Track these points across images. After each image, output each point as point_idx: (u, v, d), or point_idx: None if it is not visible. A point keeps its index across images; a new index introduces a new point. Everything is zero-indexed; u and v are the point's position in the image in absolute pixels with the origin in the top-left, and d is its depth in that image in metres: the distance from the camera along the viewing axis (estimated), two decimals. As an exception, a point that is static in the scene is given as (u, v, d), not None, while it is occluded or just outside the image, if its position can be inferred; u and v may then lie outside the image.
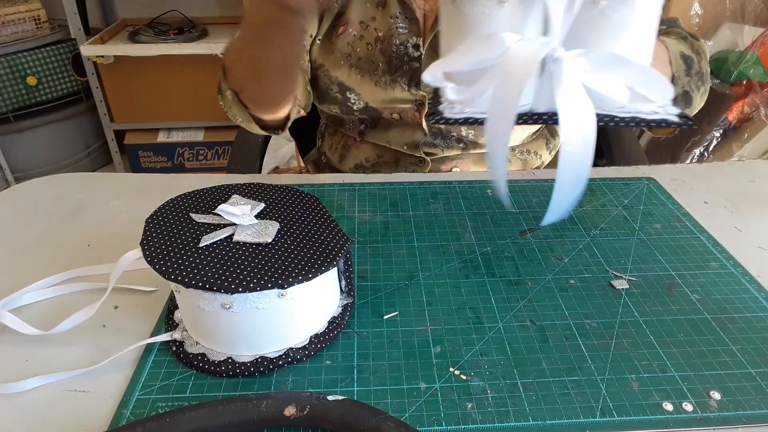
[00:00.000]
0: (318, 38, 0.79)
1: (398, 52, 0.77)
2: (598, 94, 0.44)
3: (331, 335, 0.47)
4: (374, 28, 0.77)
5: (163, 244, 0.45)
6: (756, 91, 1.58)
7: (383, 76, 0.78)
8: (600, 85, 0.44)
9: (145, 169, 2.18)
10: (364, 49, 0.78)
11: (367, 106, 0.79)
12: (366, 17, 0.77)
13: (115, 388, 0.43)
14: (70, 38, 2.05)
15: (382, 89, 0.78)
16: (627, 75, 0.44)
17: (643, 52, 0.47)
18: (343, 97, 0.79)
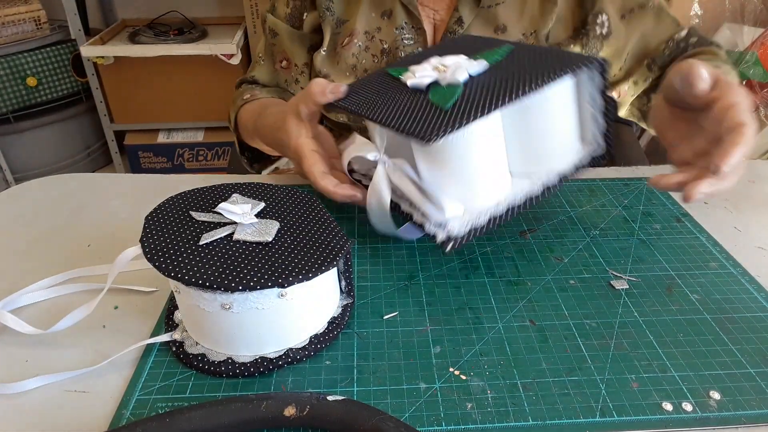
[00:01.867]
0: (323, 49, 0.78)
1: None
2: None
3: (331, 335, 0.47)
4: (380, 40, 0.76)
5: (162, 242, 0.45)
6: (756, 91, 1.58)
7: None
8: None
9: (145, 170, 2.19)
10: (369, 61, 0.77)
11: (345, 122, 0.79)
12: (371, 27, 0.76)
13: (115, 389, 0.43)
14: (70, 39, 2.05)
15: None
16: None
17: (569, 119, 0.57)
18: None
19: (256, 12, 2.02)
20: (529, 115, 0.54)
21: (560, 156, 0.57)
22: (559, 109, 0.56)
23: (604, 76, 0.53)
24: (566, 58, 0.52)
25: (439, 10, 0.76)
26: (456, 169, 0.52)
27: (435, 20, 0.77)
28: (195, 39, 1.98)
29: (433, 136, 0.45)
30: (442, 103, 0.50)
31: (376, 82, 0.60)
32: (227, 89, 2.07)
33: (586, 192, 0.70)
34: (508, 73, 0.52)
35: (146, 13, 2.19)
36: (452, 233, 0.52)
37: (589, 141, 0.58)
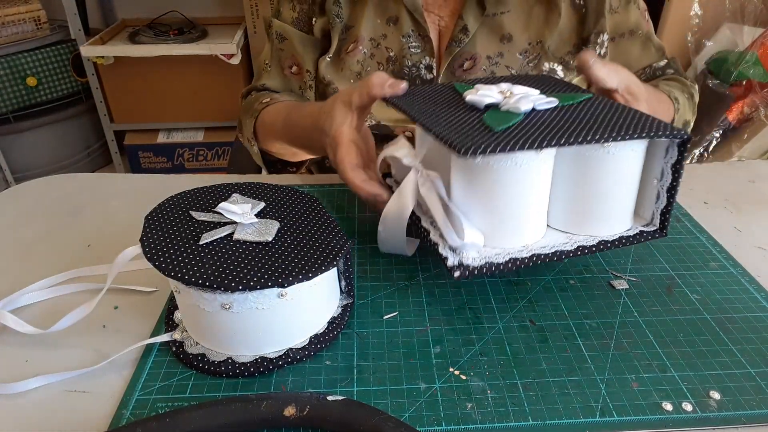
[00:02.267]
0: (329, 56, 0.77)
1: (411, 74, 0.75)
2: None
3: (331, 335, 0.47)
4: (385, 47, 0.75)
5: (162, 241, 0.45)
6: (756, 92, 1.58)
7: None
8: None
9: (145, 170, 2.19)
10: (374, 69, 0.76)
11: (379, 123, 0.77)
12: (377, 34, 0.76)
13: (115, 389, 0.43)
14: (70, 39, 2.05)
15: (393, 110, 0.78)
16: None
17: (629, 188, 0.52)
18: None
19: (256, 12, 2.02)
20: (588, 172, 0.50)
21: (607, 224, 0.52)
22: (622, 175, 0.50)
23: (682, 151, 0.48)
24: (648, 121, 0.48)
25: (444, 16, 0.75)
26: (489, 199, 0.48)
27: (440, 26, 0.76)
28: (195, 39, 1.98)
29: (470, 151, 0.42)
30: (494, 125, 0.47)
31: (436, 91, 0.58)
32: (227, 89, 2.09)
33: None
34: (578, 118, 0.49)
35: (146, 13, 2.19)
36: (465, 261, 0.48)
37: (643, 216, 0.54)
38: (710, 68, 1.66)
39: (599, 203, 0.51)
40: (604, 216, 0.52)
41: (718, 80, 1.63)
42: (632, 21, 0.77)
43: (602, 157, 0.49)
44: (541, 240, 0.52)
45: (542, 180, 0.49)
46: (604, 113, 0.50)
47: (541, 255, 0.50)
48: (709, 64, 1.67)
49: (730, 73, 1.59)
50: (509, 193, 0.48)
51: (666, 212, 0.51)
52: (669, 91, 0.74)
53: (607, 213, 0.52)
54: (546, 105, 0.51)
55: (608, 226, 0.52)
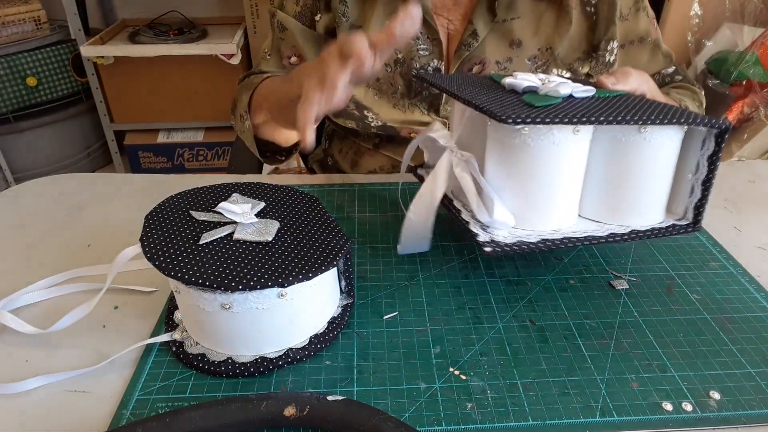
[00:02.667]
0: None
1: None
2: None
3: (331, 335, 0.47)
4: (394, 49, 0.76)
5: (162, 241, 0.45)
6: (756, 91, 1.58)
7: (402, 99, 0.77)
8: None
9: (145, 170, 2.19)
10: (382, 71, 0.76)
11: (385, 125, 0.77)
12: None
13: (115, 389, 0.43)
14: (70, 39, 2.05)
15: (400, 111, 0.77)
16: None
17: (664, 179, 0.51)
18: (361, 114, 0.77)
19: (256, 12, 2.02)
20: (624, 158, 0.49)
21: (639, 214, 0.52)
22: (658, 163, 0.50)
23: (719, 143, 0.47)
24: (686, 111, 0.48)
25: (454, 20, 0.75)
26: (523, 178, 0.49)
27: (449, 30, 0.76)
28: (195, 39, 1.98)
29: (509, 118, 0.43)
30: (534, 103, 0.48)
31: (473, 77, 0.59)
32: (227, 89, 2.08)
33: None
34: (615, 105, 0.49)
35: (146, 13, 2.19)
36: (495, 238, 0.49)
37: (675, 212, 0.53)
38: (710, 68, 1.66)
39: (633, 192, 0.51)
40: (636, 206, 0.51)
41: (718, 80, 1.63)
42: (642, 28, 0.77)
43: (639, 143, 0.48)
44: (573, 226, 0.52)
45: (578, 162, 0.49)
46: (639, 104, 0.50)
47: (572, 238, 0.50)
48: (709, 64, 1.67)
49: (730, 73, 1.59)
50: (544, 173, 0.48)
51: (700, 206, 0.51)
52: (680, 99, 0.75)
53: (641, 203, 0.51)
54: (583, 93, 0.51)
55: (640, 216, 0.52)
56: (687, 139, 0.50)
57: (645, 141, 0.48)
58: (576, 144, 0.48)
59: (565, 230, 0.51)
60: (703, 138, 0.49)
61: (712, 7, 1.66)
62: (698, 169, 0.50)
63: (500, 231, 0.50)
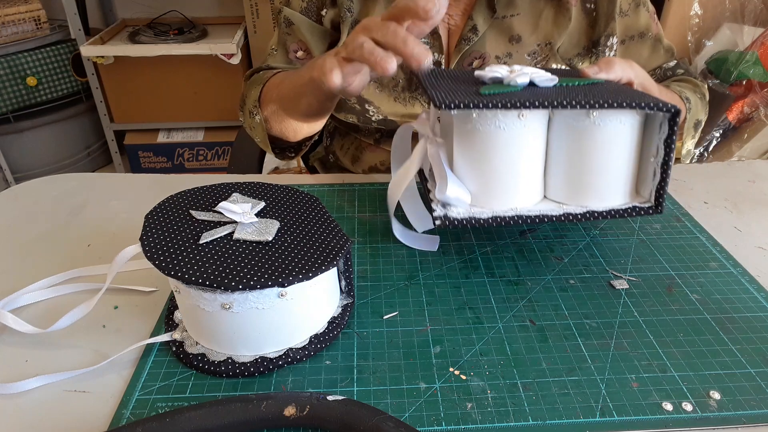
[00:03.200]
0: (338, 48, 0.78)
1: None
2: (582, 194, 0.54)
3: (331, 335, 0.47)
4: None
5: (162, 240, 0.45)
6: (756, 91, 1.58)
7: (402, 93, 0.77)
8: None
9: (145, 170, 2.19)
10: None
11: (386, 118, 0.78)
12: None
13: (115, 389, 0.43)
14: (70, 39, 2.05)
15: (401, 105, 0.78)
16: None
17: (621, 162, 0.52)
18: (362, 108, 0.78)
19: (256, 12, 2.02)
20: (577, 143, 0.51)
21: (599, 197, 0.53)
22: (610, 147, 0.51)
23: (673, 126, 0.48)
24: (639, 96, 0.49)
25: (454, 15, 0.76)
26: (479, 161, 0.52)
27: (450, 25, 0.77)
28: (195, 39, 1.98)
29: (443, 104, 0.46)
30: (485, 91, 0.50)
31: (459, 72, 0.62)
32: (227, 89, 2.08)
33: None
34: (571, 92, 0.50)
35: (146, 13, 2.19)
36: (449, 213, 0.52)
37: (643, 195, 0.54)
38: (710, 68, 1.66)
39: (590, 175, 0.52)
40: (595, 188, 0.53)
41: (718, 80, 1.63)
42: (642, 23, 0.78)
43: (590, 127, 0.50)
44: (532, 207, 0.54)
45: (527, 146, 0.51)
46: (600, 91, 0.51)
47: (524, 216, 0.52)
48: (709, 64, 1.67)
49: (730, 73, 1.59)
50: (495, 156, 0.51)
51: (661, 188, 0.52)
52: (680, 91, 0.75)
53: (599, 185, 0.53)
54: (546, 82, 0.53)
55: (600, 199, 0.53)
56: (649, 124, 0.51)
57: (595, 125, 0.50)
58: (524, 129, 0.50)
59: (521, 209, 0.53)
60: (660, 122, 0.50)
61: (712, 7, 1.66)
62: (658, 153, 0.51)
63: (457, 208, 0.53)
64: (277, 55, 0.84)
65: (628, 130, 0.51)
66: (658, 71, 0.82)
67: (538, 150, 0.53)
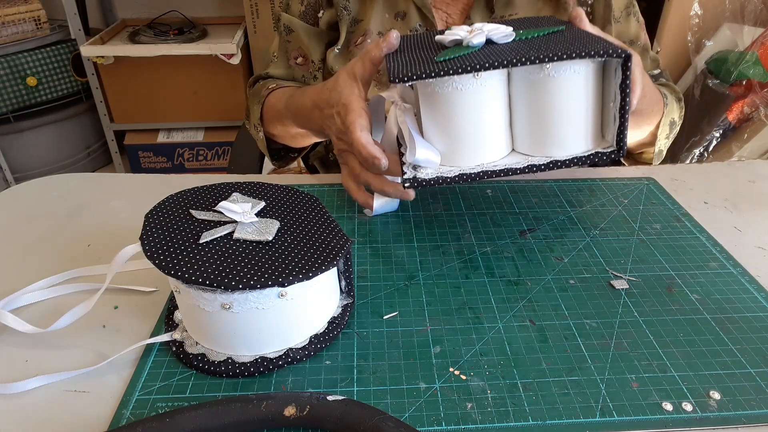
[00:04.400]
0: (337, 47, 0.79)
1: None
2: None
3: (331, 335, 0.47)
4: None
5: (162, 240, 0.45)
6: (756, 91, 1.58)
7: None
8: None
9: (145, 170, 2.19)
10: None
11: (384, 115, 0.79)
12: (384, 28, 0.77)
13: (115, 389, 0.43)
14: (70, 39, 2.05)
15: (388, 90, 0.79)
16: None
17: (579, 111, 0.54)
18: None
19: (256, 12, 2.02)
20: (534, 96, 0.53)
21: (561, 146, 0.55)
22: (566, 96, 0.52)
23: (625, 70, 0.50)
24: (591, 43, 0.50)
25: (452, 14, 0.77)
26: (442, 122, 0.54)
27: (447, 23, 0.78)
28: (195, 39, 1.98)
29: (395, 78, 0.49)
30: (440, 57, 0.52)
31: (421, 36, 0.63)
32: (227, 89, 2.09)
33: (586, 192, 0.70)
34: (526, 47, 0.51)
35: (146, 13, 2.19)
36: (418, 175, 0.54)
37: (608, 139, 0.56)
38: (710, 68, 1.66)
39: (550, 126, 0.54)
40: (557, 138, 0.54)
41: (718, 80, 1.63)
42: (632, 32, 0.80)
43: (545, 80, 0.52)
44: (498, 161, 0.56)
45: (486, 104, 0.53)
46: (557, 41, 0.52)
47: (489, 171, 0.54)
48: (709, 64, 1.67)
49: (730, 73, 1.59)
50: (457, 116, 0.53)
51: (620, 133, 0.53)
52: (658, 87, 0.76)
53: (560, 135, 0.54)
54: (503, 39, 0.55)
55: (562, 148, 0.55)
56: (607, 70, 0.53)
57: (550, 77, 0.51)
58: (481, 88, 0.52)
59: (486, 165, 0.55)
60: (615, 68, 0.51)
61: (712, 7, 1.66)
62: (615, 98, 0.52)
63: (426, 170, 0.54)
64: (277, 62, 0.86)
65: (582, 79, 0.52)
66: None
67: (498, 107, 0.54)
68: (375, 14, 0.76)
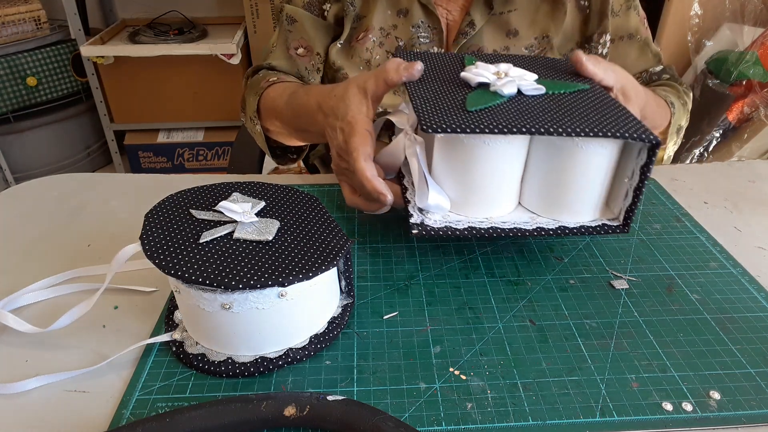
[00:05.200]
0: (340, 42, 0.79)
1: None
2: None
3: (331, 335, 0.47)
4: (395, 37, 0.77)
5: (162, 239, 0.45)
6: (756, 91, 1.58)
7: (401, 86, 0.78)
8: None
9: (145, 170, 2.19)
10: (383, 57, 0.78)
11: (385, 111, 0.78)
12: (387, 25, 0.78)
13: (115, 389, 0.43)
14: (70, 39, 2.05)
15: (400, 97, 0.79)
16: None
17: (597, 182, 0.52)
18: None
19: (256, 12, 2.02)
20: (557, 160, 0.51)
21: (570, 212, 0.54)
22: (589, 169, 0.51)
23: (651, 156, 0.48)
24: (624, 122, 0.48)
25: (452, 11, 0.78)
26: (460, 171, 0.52)
27: (448, 20, 0.78)
28: (195, 39, 1.98)
29: (429, 128, 0.46)
30: (471, 104, 0.50)
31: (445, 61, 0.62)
32: (227, 89, 2.08)
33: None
34: (559, 108, 0.50)
35: (146, 13, 2.19)
36: (425, 221, 0.52)
37: (613, 211, 0.55)
38: (710, 68, 1.66)
39: (565, 192, 0.53)
40: (568, 204, 0.53)
41: (718, 80, 1.63)
42: (632, 25, 0.79)
43: (572, 148, 0.50)
44: (506, 216, 0.54)
45: (510, 161, 0.52)
46: (587, 107, 0.51)
47: (499, 228, 0.53)
48: (709, 64, 1.67)
49: (730, 73, 1.59)
50: (477, 169, 0.51)
51: (630, 210, 0.52)
52: (665, 96, 0.76)
53: (572, 202, 0.53)
54: (533, 91, 0.53)
55: (572, 214, 0.54)
56: (628, 146, 0.51)
57: (577, 147, 0.50)
58: (508, 144, 0.50)
59: (496, 220, 0.54)
60: (639, 148, 0.50)
61: (712, 7, 1.66)
62: (632, 176, 0.51)
63: (435, 215, 0.53)
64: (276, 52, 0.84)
65: (607, 154, 0.51)
66: (644, 74, 0.83)
67: (518, 164, 0.53)
68: (378, 10, 0.77)
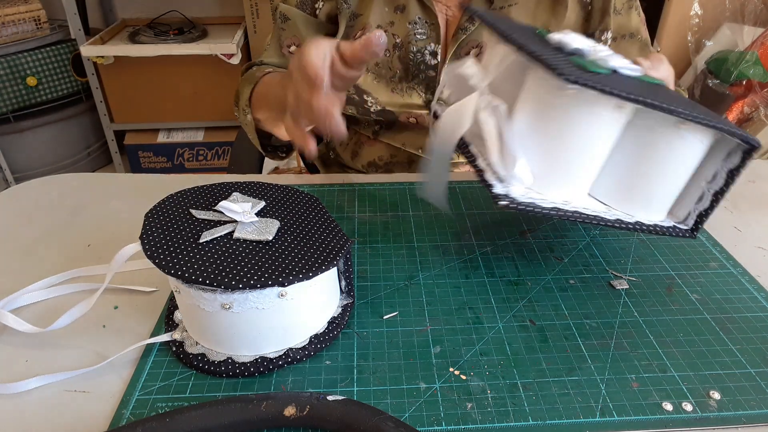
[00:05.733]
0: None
1: (415, 60, 0.76)
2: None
3: (331, 335, 0.47)
4: (392, 34, 0.77)
5: (162, 239, 0.45)
6: (756, 91, 1.58)
7: (400, 83, 0.78)
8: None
9: (145, 170, 2.18)
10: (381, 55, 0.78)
11: (384, 109, 0.78)
12: (384, 22, 0.77)
13: (115, 389, 0.43)
14: (70, 39, 2.05)
15: (399, 95, 0.78)
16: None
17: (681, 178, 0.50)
18: (360, 99, 0.78)
19: (256, 12, 2.02)
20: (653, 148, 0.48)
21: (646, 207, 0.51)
22: (683, 161, 0.49)
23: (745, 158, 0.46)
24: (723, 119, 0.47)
25: (451, 6, 0.77)
26: (551, 141, 0.47)
27: (447, 16, 0.78)
28: (195, 39, 1.98)
29: (570, 76, 0.40)
30: (585, 66, 0.45)
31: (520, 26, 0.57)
32: (227, 89, 2.08)
33: (586, 192, 0.70)
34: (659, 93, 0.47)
35: (146, 13, 2.19)
36: (511, 194, 0.47)
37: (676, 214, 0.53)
38: (710, 68, 1.66)
39: (650, 184, 0.50)
40: (648, 198, 0.51)
41: (718, 80, 1.63)
42: (633, 25, 0.80)
43: (672, 137, 0.47)
44: (582, 201, 0.51)
45: (609, 139, 0.48)
46: (680, 98, 0.49)
47: (583, 214, 0.49)
48: (709, 64, 1.67)
49: (730, 73, 1.59)
50: (575, 140, 0.47)
51: (704, 215, 0.51)
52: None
53: (653, 196, 0.51)
54: (630, 71, 0.50)
55: (647, 210, 0.51)
56: (716, 145, 0.49)
57: (680, 137, 0.47)
58: (614, 121, 0.47)
59: (577, 204, 0.50)
60: (729, 150, 0.48)
61: (712, 7, 1.66)
62: (714, 179, 0.49)
63: (516, 187, 0.48)
64: (269, 50, 0.85)
65: (701, 149, 0.48)
66: None
67: (611, 143, 0.49)
68: (375, 8, 0.76)
